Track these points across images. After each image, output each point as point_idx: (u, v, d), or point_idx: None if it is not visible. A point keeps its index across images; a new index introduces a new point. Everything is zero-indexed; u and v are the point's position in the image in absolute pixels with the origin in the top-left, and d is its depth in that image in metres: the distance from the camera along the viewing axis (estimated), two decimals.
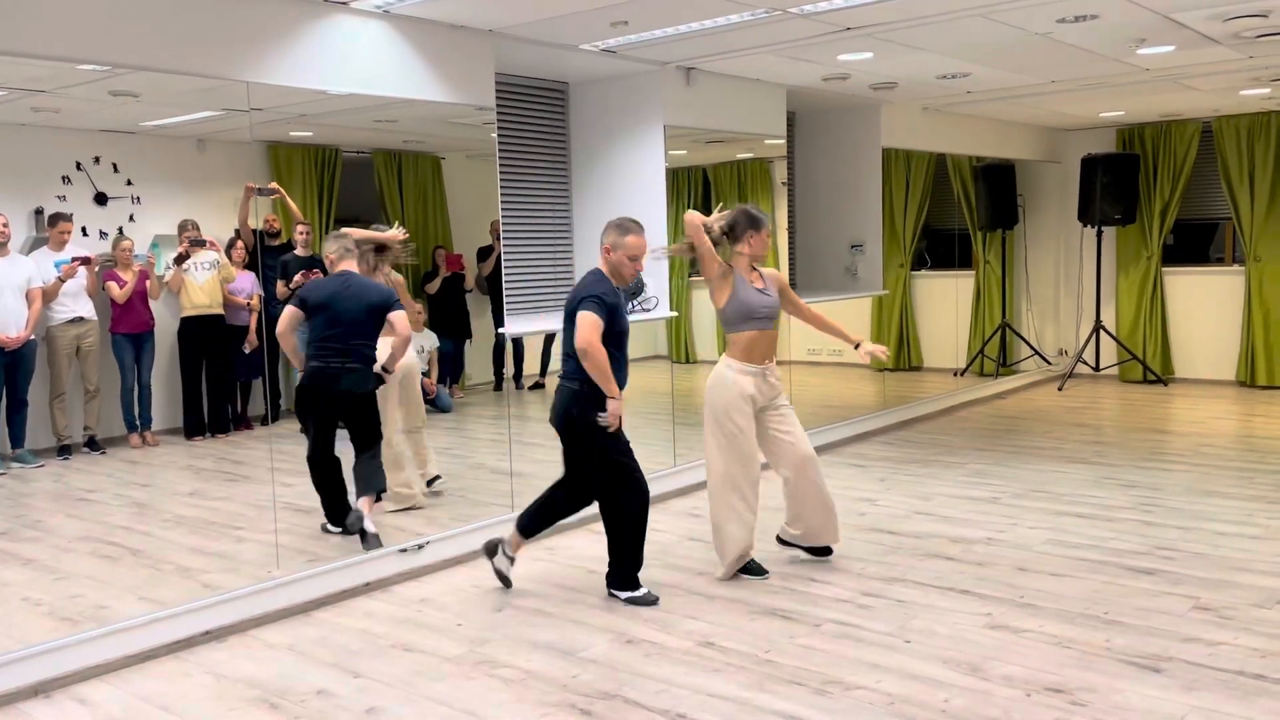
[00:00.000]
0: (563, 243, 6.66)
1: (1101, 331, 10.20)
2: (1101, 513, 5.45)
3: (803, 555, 4.78)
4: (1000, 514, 5.49)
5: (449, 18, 5.02)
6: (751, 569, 4.58)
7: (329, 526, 5.13)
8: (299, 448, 5.09)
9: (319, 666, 3.75)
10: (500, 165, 5.93)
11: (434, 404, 7.02)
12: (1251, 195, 9.42)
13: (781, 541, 4.80)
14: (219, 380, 6.97)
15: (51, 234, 6.24)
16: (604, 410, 4.15)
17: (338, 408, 4.97)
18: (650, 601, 4.28)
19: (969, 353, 10.44)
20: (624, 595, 4.32)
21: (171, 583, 4.57)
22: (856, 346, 4.72)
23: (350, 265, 5.06)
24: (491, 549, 4.52)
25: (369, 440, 5.03)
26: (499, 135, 5.86)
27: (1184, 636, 3.77)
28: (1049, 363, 10.66)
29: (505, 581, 4.50)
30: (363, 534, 4.77)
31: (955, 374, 10.26)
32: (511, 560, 4.50)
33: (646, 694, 3.43)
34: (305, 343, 5.02)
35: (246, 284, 7.14)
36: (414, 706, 3.40)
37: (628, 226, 4.28)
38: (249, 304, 7.16)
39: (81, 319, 6.48)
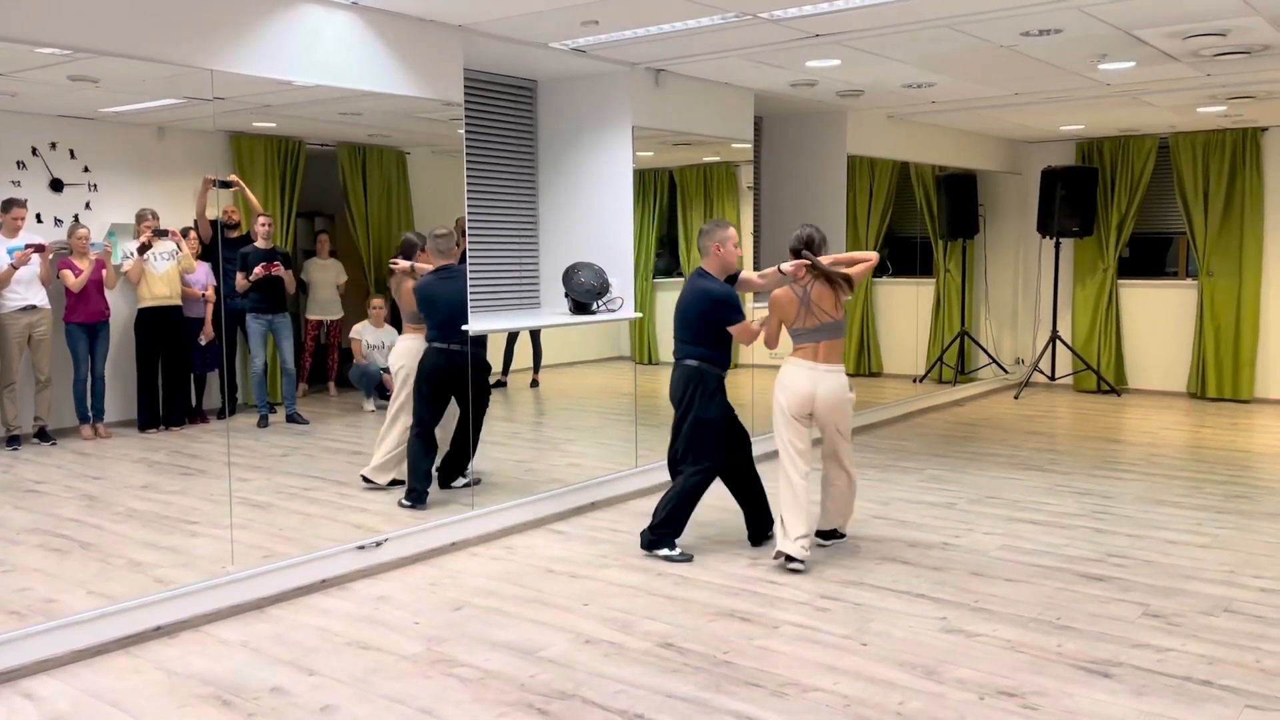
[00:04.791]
0: (528, 241, 6.63)
1: (1057, 341, 10.35)
2: (1054, 520, 5.53)
3: (767, 558, 4.83)
4: (956, 519, 5.55)
5: (418, 11, 4.99)
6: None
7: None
8: (255, 442, 5.04)
9: (273, 664, 3.71)
10: (467, 162, 5.89)
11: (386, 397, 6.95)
12: (1205, 211, 9.61)
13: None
14: (175, 372, 6.87)
15: (5, 219, 6.12)
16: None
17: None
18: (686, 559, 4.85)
19: (928, 360, 10.55)
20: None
21: (122, 577, 4.49)
22: None
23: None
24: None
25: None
26: (466, 131, 5.82)
27: (1134, 642, 3.84)
28: (1006, 371, 10.79)
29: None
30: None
31: (914, 380, 10.36)
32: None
33: (605, 694, 3.43)
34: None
35: (201, 275, 7.05)
36: (369, 705, 3.37)
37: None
38: (204, 295, 7.07)
39: (34, 307, 6.35)
